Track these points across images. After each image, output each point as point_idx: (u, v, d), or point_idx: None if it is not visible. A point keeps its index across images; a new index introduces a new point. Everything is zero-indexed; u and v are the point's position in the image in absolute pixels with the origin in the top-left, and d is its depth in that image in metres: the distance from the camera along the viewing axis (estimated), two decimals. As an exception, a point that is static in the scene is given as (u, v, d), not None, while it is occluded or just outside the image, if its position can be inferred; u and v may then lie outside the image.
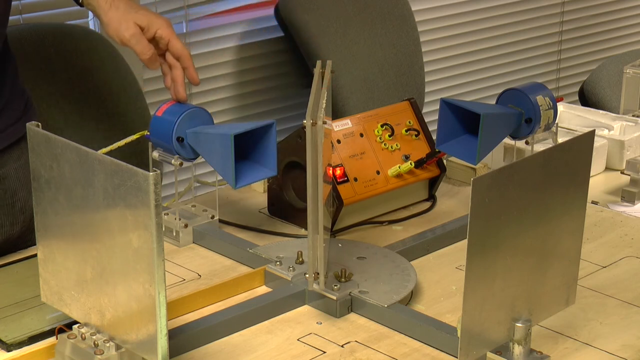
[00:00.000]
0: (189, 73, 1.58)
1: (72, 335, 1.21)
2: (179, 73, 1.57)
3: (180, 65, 1.57)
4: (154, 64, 1.57)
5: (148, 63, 1.56)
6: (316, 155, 1.34)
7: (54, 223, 1.20)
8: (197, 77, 1.59)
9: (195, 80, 1.58)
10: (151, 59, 1.56)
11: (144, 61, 1.57)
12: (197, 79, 1.59)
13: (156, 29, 1.55)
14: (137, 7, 1.58)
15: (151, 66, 1.57)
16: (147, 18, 1.56)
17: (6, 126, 1.63)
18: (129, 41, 1.54)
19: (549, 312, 1.32)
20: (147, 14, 1.57)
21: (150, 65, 1.57)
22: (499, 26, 3.55)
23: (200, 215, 1.64)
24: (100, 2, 1.57)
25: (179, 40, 1.59)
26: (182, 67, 1.57)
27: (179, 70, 1.57)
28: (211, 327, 1.34)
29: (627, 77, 2.13)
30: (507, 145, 1.79)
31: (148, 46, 1.55)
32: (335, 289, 1.40)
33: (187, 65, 1.57)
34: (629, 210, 1.76)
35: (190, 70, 1.58)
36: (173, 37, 1.57)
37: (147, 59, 1.55)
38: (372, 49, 2.98)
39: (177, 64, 1.57)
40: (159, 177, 1.06)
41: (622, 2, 3.89)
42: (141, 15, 1.56)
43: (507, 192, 1.18)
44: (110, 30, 1.56)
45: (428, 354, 1.32)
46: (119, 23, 1.54)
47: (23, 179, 1.65)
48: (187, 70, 1.58)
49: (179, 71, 1.57)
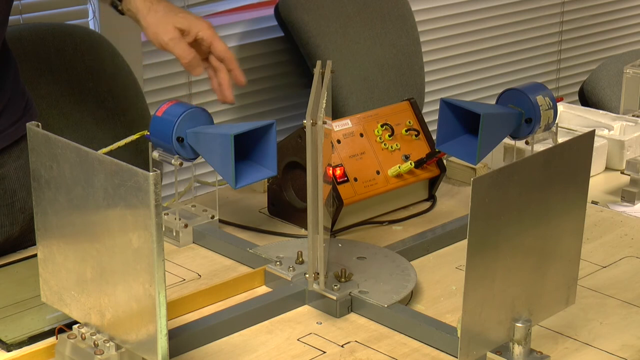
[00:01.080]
0: (235, 75, 1.55)
1: (72, 335, 1.21)
2: (224, 76, 1.53)
3: (225, 67, 1.53)
4: (195, 69, 1.53)
5: (189, 68, 1.52)
6: (316, 155, 1.34)
7: (54, 223, 1.20)
8: (243, 78, 1.55)
9: (241, 82, 1.55)
10: (191, 64, 1.51)
11: (185, 66, 1.52)
12: (244, 81, 1.55)
13: (197, 32, 1.52)
14: (177, 10, 1.54)
15: (193, 72, 1.52)
16: (187, 21, 1.52)
17: (6, 126, 1.63)
18: (167, 45, 1.51)
19: (549, 312, 1.32)
20: (187, 17, 1.53)
21: (191, 70, 1.52)
22: (499, 26, 3.55)
23: (200, 215, 1.64)
24: (140, 7, 1.53)
25: (222, 41, 1.55)
26: (227, 69, 1.54)
27: (223, 72, 1.54)
28: (211, 327, 1.34)
29: (627, 77, 2.13)
30: (507, 145, 1.79)
31: (188, 50, 1.51)
32: (335, 289, 1.40)
33: (232, 67, 1.54)
34: (629, 210, 1.77)
35: (235, 72, 1.55)
36: (215, 39, 1.53)
37: (187, 63, 1.51)
38: (372, 49, 2.98)
39: (222, 67, 1.54)
40: (159, 177, 1.06)
41: (622, 2, 3.89)
42: (181, 18, 1.52)
43: (507, 192, 1.18)
44: (149, 34, 1.53)
45: (428, 354, 1.32)
46: (157, 27, 1.51)
47: (22, 179, 1.65)
48: (232, 72, 1.54)
49: (224, 74, 1.54)
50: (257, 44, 2.95)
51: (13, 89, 1.66)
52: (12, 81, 1.66)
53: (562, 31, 3.74)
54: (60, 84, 2.21)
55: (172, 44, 1.51)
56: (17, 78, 1.68)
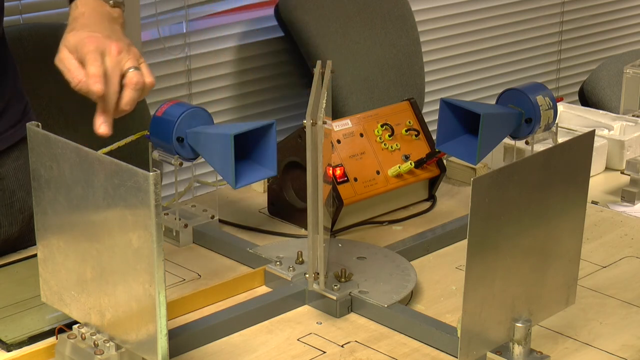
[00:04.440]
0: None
1: (72, 335, 1.21)
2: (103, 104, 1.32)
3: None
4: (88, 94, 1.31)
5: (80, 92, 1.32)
6: (316, 155, 1.34)
7: (54, 223, 1.20)
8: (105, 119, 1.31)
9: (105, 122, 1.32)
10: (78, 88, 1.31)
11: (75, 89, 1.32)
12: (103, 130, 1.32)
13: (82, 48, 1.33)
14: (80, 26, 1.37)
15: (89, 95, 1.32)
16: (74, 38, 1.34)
17: (5, 128, 1.63)
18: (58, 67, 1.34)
19: (549, 312, 1.32)
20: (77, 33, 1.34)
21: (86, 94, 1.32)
22: (499, 26, 3.55)
23: (200, 215, 1.64)
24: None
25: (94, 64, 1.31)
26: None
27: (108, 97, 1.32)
28: (211, 327, 1.34)
29: (627, 77, 2.13)
30: (507, 145, 1.80)
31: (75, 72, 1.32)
32: (335, 289, 1.40)
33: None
34: (629, 210, 1.77)
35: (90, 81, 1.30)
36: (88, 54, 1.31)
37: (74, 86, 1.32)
38: (372, 49, 2.98)
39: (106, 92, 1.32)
40: (159, 177, 1.06)
41: (622, 2, 3.90)
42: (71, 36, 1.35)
43: (507, 192, 1.18)
44: None
45: (428, 354, 1.32)
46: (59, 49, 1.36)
47: (22, 179, 1.65)
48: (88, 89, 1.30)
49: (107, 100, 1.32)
50: (257, 44, 2.95)
51: (12, 92, 1.65)
52: (11, 84, 1.65)
53: (562, 31, 3.74)
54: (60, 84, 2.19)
55: (60, 65, 1.34)
56: (17, 81, 1.68)
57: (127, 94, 1.34)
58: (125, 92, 1.34)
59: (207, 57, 2.86)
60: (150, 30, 2.76)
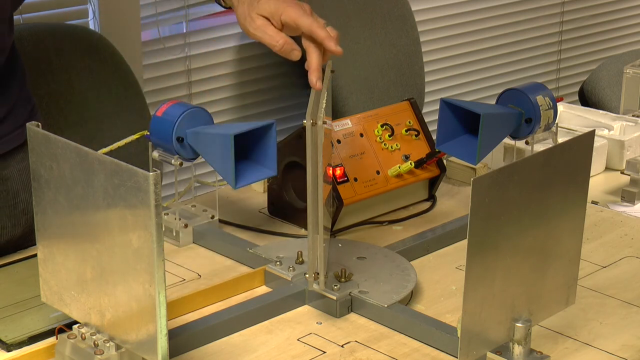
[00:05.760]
0: (327, 45, 1.43)
1: (72, 335, 1.21)
2: (312, 58, 1.43)
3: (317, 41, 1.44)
4: (289, 54, 1.45)
5: (282, 54, 1.44)
6: (316, 155, 1.34)
7: (54, 223, 1.20)
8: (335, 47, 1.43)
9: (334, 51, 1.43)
10: (283, 50, 1.44)
11: (278, 53, 1.45)
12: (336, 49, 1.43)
13: (280, 15, 1.45)
14: None
15: (288, 57, 1.44)
16: (269, 6, 1.45)
17: (11, 130, 1.63)
18: (254, 36, 1.46)
19: (549, 312, 1.32)
20: (270, 2, 1.45)
21: (286, 56, 1.44)
22: (499, 26, 3.55)
23: (200, 215, 1.64)
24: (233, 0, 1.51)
25: (308, 17, 1.45)
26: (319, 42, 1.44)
27: (313, 54, 1.43)
28: (211, 327, 1.34)
29: (627, 77, 2.13)
30: (507, 145, 1.80)
31: (276, 37, 1.44)
32: (335, 289, 1.40)
33: (320, 38, 1.43)
34: (629, 210, 1.77)
35: (325, 42, 1.43)
36: (300, 18, 1.44)
37: (278, 50, 1.44)
38: (372, 49, 2.98)
39: (310, 47, 1.44)
40: (159, 177, 1.06)
41: (622, 2, 3.89)
42: (263, 4, 1.45)
43: (507, 192, 1.18)
44: (242, 28, 1.49)
45: (428, 354, 1.32)
46: (244, 19, 1.47)
47: (26, 180, 1.65)
48: (323, 43, 1.44)
49: (312, 56, 1.43)
50: (257, 44, 2.93)
51: (19, 95, 1.66)
52: (19, 87, 1.66)
53: (562, 31, 3.74)
54: (60, 84, 2.21)
55: (258, 33, 1.46)
56: (24, 84, 1.68)
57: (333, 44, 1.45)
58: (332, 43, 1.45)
59: (207, 57, 2.86)
60: (150, 30, 2.76)
